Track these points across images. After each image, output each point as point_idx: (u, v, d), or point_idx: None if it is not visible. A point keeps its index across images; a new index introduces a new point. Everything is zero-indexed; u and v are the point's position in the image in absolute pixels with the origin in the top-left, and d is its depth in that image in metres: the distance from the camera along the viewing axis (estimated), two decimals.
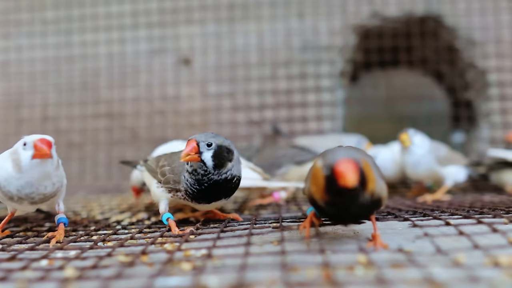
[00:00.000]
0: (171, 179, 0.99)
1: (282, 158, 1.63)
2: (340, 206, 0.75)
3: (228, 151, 0.95)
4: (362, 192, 0.72)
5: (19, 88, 2.39)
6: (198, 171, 0.93)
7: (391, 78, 2.90)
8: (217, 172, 0.94)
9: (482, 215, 1.00)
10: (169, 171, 1.01)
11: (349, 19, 2.30)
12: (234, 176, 0.97)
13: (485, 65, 2.25)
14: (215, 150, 0.93)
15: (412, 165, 1.62)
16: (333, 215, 0.80)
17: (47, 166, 0.91)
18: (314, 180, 0.77)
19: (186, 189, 0.96)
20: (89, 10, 2.38)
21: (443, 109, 2.77)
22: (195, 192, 0.96)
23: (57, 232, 0.96)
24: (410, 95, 2.90)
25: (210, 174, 0.93)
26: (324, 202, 0.76)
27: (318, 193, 0.76)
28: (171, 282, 0.62)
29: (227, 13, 2.34)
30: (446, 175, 1.62)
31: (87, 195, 1.96)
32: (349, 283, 0.58)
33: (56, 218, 1.02)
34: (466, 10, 2.26)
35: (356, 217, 0.81)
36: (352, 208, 0.76)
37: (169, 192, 1.01)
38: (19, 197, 0.92)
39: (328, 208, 0.76)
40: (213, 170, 0.93)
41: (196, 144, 0.92)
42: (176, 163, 1.00)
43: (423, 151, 1.61)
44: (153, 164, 1.09)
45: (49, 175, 0.93)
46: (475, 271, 0.60)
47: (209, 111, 2.31)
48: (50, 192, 0.95)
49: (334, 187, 0.70)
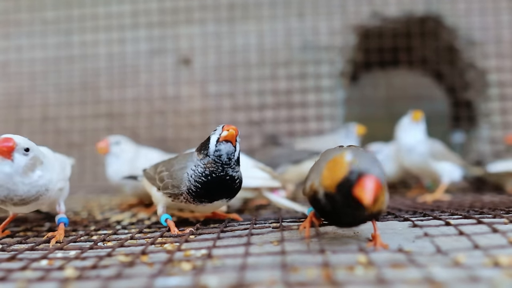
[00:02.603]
0: (170, 184, 0.99)
1: (279, 158, 1.62)
2: (338, 207, 0.73)
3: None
4: (364, 209, 0.70)
5: (19, 88, 2.39)
6: (223, 158, 0.93)
7: (391, 78, 2.90)
8: (234, 166, 0.95)
9: (482, 215, 1.00)
10: (167, 176, 1.00)
11: (349, 19, 2.30)
12: (239, 177, 0.98)
13: (485, 65, 2.25)
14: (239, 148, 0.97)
15: (407, 150, 1.67)
16: (329, 215, 0.78)
17: (5, 168, 0.87)
18: (332, 166, 0.74)
19: (189, 187, 0.95)
20: (89, 10, 2.38)
21: (443, 109, 2.77)
22: (198, 188, 0.95)
23: (57, 232, 0.96)
24: (410, 95, 2.90)
25: (228, 166, 0.94)
26: (327, 192, 0.74)
27: (327, 181, 0.74)
28: (171, 282, 0.62)
29: (227, 13, 2.34)
30: (441, 171, 1.63)
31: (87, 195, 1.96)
32: (349, 283, 0.58)
33: (56, 218, 1.02)
34: (466, 10, 2.26)
35: (349, 224, 0.81)
36: (348, 217, 0.75)
37: (169, 197, 1.00)
38: (1, 200, 0.91)
39: (326, 201, 0.75)
40: (233, 164, 0.95)
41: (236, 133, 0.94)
42: (175, 167, 0.99)
43: (418, 138, 1.66)
44: (151, 172, 1.10)
45: (11, 177, 0.88)
46: (475, 271, 0.60)
47: (209, 111, 2.31)
48: (29, 195, 0.91)
49: (347, 190, 0.69)
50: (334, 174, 0.72)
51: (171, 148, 2.15)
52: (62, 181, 1.00)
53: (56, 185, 0.96)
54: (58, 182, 0.97)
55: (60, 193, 1.01)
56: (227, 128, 0.93)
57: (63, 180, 1.01)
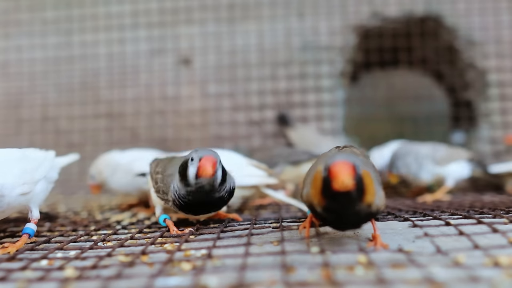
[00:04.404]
0: (161, 189, 0.97)
1: (277, 158, 1.62)
2: (336, 212, 0.72)
3: (223, 167, 0.92)
4: (359, 201, 0.70)
5: (19, 88, 2.39)
6: (205, 188, 0.87)
7: (391, 78, 2.90)
8: (219, 189, 0.89)
9: (482, 215, 1.00)
10: (161, 180, 0.97)
11: (349, 19, 2.30)
12: (227, 191, 0.92)
13: (485, 65, 2.25)
14: (222, 167, 0.90)
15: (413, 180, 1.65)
16: (330, 221, 0.78)
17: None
18: (314, 184, 0.74)
19: (174, 199, 0.92)
20: (89, 10, 2.38)
21: (443, 109, 2.77)
22: (183, 204, 0.91)
23: (17, 241, 0.88)
24: (410, 95, 2.90)
25: (214, 191, 0.88)
26: (321, 207, 0.73)
27: (315, 198, 0.73)
28: (171, 282, 0.62)
29: (227, 13, 2.34)
30: (446, 175, 1.62)
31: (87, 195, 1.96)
32: (349, 283, 0.58)
33: (25, 226, 0.93)
34: (466, 10, 2.26)
35: (352, 225, 0.78)
36: (348, 216, 0.73)
37: (162, 201, 1.00)
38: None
39: (325, 214, 0.74)
40: (218, 188, 0.88)
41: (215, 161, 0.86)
42: (168, 171, 0.96)
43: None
44: (152, 168, 1.07)
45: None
46: (475, 271, 0.60)
47: (209, 111, 2.31)
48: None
49: (329, 189, 0.68)
50: (316, 189, 0.72)
51: (171, 148, 2.15)
52: (26, 185, 0.89)
53: (14, 191, 0.86)
54: (18, 186, 0.87)
55: (27, 198, 0.91)
56: (203, 164, 0.84)
57: (29, 184, 0.90)
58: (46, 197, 1.00)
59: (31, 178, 0.91)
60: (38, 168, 0.96)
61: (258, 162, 1.34)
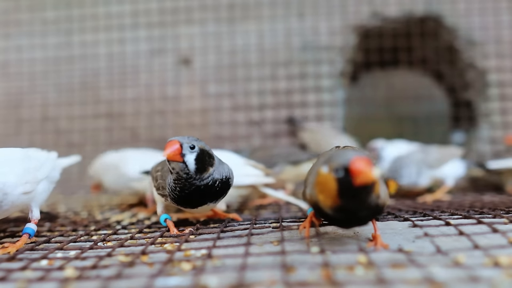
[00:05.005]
0: (161, 185, 0.98)
1: (276, 157, 1.62)
2: (350, 210, 0.72)
3: (209, 155, 0.92)
4: (372, 193, 0.70)
5: (19, 88, 2.39)
6: (180, 174, 0.89)
7: (391, 78, 2.90)
8: (199, 177, 0.90)
9: (482, 215, 1.00)
10: (160, 176, 0.99)
11: (349, 19, 2.30)
12: (216, 180, 0.93)
13: (485, 65, 2.25)
14: (198, 153, 0.90)
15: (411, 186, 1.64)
16: (339, 221, 0.77)
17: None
18: (321, 188, 0.73)
19: (169, 193, 0.94)
20: (89, 10, 2.38)
21: (443, 109, 2.77)
22: (176, 197, 0.93)
23: (17, 241, 0.89)
24: (410, 95, 2.90)
25: (192, 178, 0.89)
26: (334, 208, 0.72)
27: (328, 201, 0.72)
28: (171, 282, 0.62)
29: (227, 13, 2.34)
30: (444, 176, 1.62)
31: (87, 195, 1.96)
32: (349, 283, 0.58)
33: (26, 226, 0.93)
34: (466, 10, 2.26)
35: (361, 221, 0.78)
36: (360, 211, 0.72)
37: (162, 197, 1.00)
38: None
39: (336, 214, 0.73)
40: (195, 175, 0.89)
41: (180, 145, 0.88)
42: (165, 167, 0.97)
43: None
44: (153, 170, 1.09)
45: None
46: (475, 271, 0.60)
47: (209, 111, 2.31)
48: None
49: (349, 188, 0.68)
50: (328, 192, 0.71)
51: None
52: (28, 184, 0.90)
53: (16, 189, 0.87)
54: (21, 185, 0.88)
55: (29, 197, 0.91)
56: (165, 149, 0.87)
57: (31, 183, 0.91)
58: (47, 197, 1.00)
59: (34, 178, 0.92)
60: (41, 168, 0.97)
61: (256, 162, 1.35)
